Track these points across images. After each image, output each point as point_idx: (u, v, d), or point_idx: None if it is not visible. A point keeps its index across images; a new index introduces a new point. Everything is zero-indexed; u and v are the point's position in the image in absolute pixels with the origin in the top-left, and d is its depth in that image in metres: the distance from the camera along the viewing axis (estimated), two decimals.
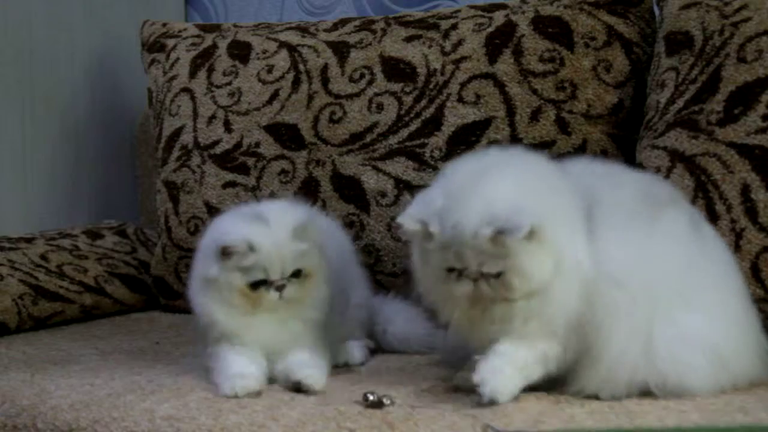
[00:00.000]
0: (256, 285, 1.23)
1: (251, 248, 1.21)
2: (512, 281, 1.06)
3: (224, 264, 1.23)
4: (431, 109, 1.62)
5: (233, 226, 1.26)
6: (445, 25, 1.68)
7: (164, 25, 2.01)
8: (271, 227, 1.24)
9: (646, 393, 1.10)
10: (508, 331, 1.09)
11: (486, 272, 1.07)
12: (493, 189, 1.08)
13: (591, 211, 1.12)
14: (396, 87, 1.66)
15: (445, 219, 1.08)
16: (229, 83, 1.82)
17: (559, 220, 1.08)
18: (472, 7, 1.70)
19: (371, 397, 1.11)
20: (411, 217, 1.11)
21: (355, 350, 1.38)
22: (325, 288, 1.29)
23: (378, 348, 1.45)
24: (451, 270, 1.09)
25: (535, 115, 1.56)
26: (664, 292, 1.11)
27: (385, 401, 1.10)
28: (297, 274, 1.24)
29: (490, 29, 1.63)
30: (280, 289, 1.23)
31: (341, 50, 1.74)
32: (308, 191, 1.68)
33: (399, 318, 1.48)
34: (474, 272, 1.07)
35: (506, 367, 1.09)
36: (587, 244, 1.09)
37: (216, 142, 1.79)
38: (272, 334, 1.26)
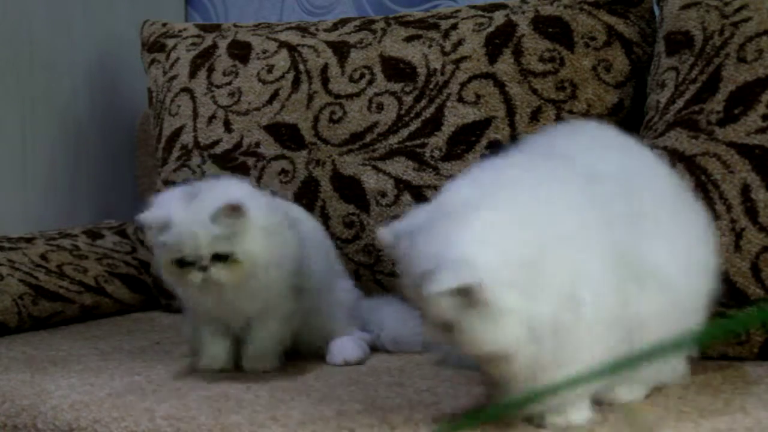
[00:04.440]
0: (181, 263, 1.21)
1: (167, 225, 1.20)
2: None
3: (155, 237, 1.22)
4: (431, 109, 1.62)
5: (165, 200, 1.25)
6: (445, 25, 1.68)
7: (164, 25, 2.01)
8: (192, 206, 1.20)
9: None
10: None
11: None
12: None
13: None
14: (396, 87, 1.66)
15: None
16: (229, 83, 1.82)
17: None
18: (472, 7, 1.70)
19: None
20: None
21: (349, 347, 1.37)
22: (266, 278, 1.25)
23: (372, 348, 1.44)
24: None
25: (535, 115, 1.56)
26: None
27: None
28: (224, 258, 1.20)
29: (490, 29, 1.63)
30: (203, 269, 1.20)
31: (341, 50, 1.74)
32: (308, 191, 1.68)
33: (392, 319, 1.47)
34: None
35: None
36: None
37: (216, 142, 1.79)
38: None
